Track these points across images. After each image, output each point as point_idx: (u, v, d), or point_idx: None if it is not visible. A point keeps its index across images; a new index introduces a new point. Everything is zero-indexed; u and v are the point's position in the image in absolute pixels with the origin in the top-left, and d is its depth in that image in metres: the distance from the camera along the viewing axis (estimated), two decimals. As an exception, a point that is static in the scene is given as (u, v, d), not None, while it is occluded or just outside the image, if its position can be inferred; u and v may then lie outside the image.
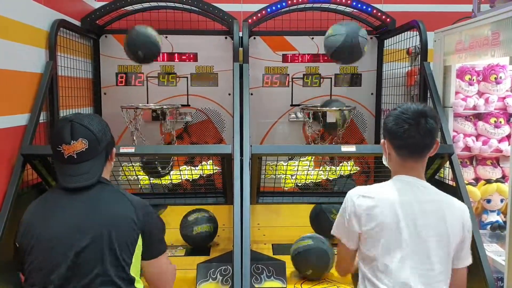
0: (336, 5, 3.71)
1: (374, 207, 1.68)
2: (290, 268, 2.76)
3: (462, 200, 2.47)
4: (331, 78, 3.96)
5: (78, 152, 1.63)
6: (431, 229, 1.66)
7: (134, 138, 3.42)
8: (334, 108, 3.46)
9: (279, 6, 3.67)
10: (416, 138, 1.65)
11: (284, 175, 3.18)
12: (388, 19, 3.65)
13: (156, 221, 1.74)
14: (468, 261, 1.79)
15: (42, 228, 1.62)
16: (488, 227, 2.89)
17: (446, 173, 2.85)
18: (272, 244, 3.20)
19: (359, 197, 1.72)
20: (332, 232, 1.84)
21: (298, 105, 3.90)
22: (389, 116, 1.74)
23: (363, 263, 1.74)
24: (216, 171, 3.32)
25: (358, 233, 1.71)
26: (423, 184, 1.73)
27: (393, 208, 1.67)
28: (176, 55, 3.88)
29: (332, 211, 3.13)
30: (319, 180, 3.43)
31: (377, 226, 1.66)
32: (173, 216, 3.41)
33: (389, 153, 1.76)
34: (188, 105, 3.91)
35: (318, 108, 3.46)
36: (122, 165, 2.94)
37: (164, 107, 3.52)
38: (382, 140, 1.80)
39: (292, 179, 3.27)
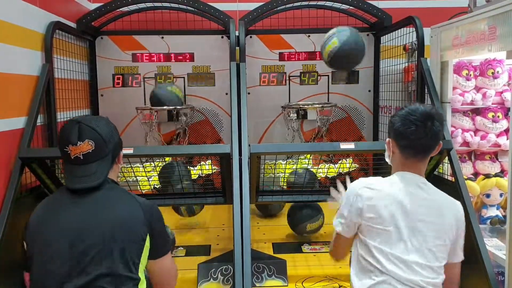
0: (332, 3, 3.71)
1: (375, 198, 1.71)
2: (290, 265, 2.76)
3: (462, 195, 2.49)
4: (328, 75, 3.96)
5: (84, 153, 1.64)
6: (429, 224, 1.70)
7: (147, 139, 3.49)
8: (316, 105, 3.47)
9: (275, 4, 3.67)
10: (422, 140, 1.68)
11: (283, 174, 3.18)
12: (384, 16, 3.66)
13: (162, 222, 1.76)
14: (461, 257, 1.81)
15: (46, 229, 1.62)
16: (488, 221, 2.89)
17: (445, 168, 2.85)
18: (272, 243, 3.20)
19: (361, 188, 1.75)
20: (334, 224, 1.85)
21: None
22: (395, 116, 1.75)
23: (360, 245, 1.76)
24: (214, 171, 3.31)
25: (358, 224, 1.74)
26: (423, 181, 1.76)
27: (394, 202, 1.70)
28: (172, 55, 3.88)
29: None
30: (318, 178, 3.42)
31: (378, 218, 1.69)
32: (171, 216, 3.41)
33: (393, 152, 1.78)
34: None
35: (300, 106, 3.53)
36: (121, 166, 2.93)
37: (178, 107, 3.56)
38: (387, 139, 1.81)
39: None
